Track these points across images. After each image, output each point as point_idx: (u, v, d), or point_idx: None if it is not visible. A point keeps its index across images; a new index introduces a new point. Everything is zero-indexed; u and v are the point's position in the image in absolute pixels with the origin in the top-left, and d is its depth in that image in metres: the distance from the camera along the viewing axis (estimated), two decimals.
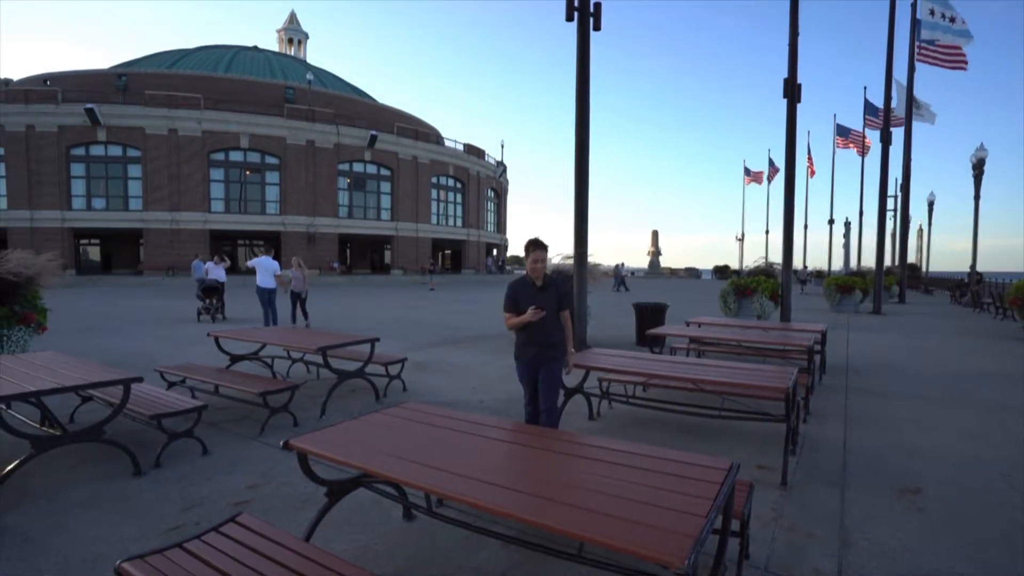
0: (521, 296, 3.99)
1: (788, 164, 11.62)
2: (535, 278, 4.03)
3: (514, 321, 4.01)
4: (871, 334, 12.87)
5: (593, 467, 2.39)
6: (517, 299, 3.99)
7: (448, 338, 11.19)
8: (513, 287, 4.06)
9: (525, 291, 4.02)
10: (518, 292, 4.01)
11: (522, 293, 4.01)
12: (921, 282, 36.44)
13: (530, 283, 4.03)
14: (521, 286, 4.05)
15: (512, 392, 6.67)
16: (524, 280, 4.09)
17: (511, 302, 4.02)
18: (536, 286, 4.02)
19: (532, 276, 4.03)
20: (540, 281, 4.03)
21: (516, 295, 4.01)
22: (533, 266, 4.00)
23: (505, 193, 60.09)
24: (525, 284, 4.06)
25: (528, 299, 3.96)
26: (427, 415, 3.18)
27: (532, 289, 4.02)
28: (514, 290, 4.04)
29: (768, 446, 4.70)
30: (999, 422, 5.66)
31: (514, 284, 4.09)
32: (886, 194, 19.58)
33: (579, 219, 9.51)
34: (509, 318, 4.06)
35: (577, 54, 9.33)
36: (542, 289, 4.03)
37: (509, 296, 4.04)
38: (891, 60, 18.55)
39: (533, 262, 3.99)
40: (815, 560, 2.97)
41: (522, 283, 4.08)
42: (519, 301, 3.98)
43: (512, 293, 4.03)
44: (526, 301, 3.95)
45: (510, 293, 4.04)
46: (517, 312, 3.97)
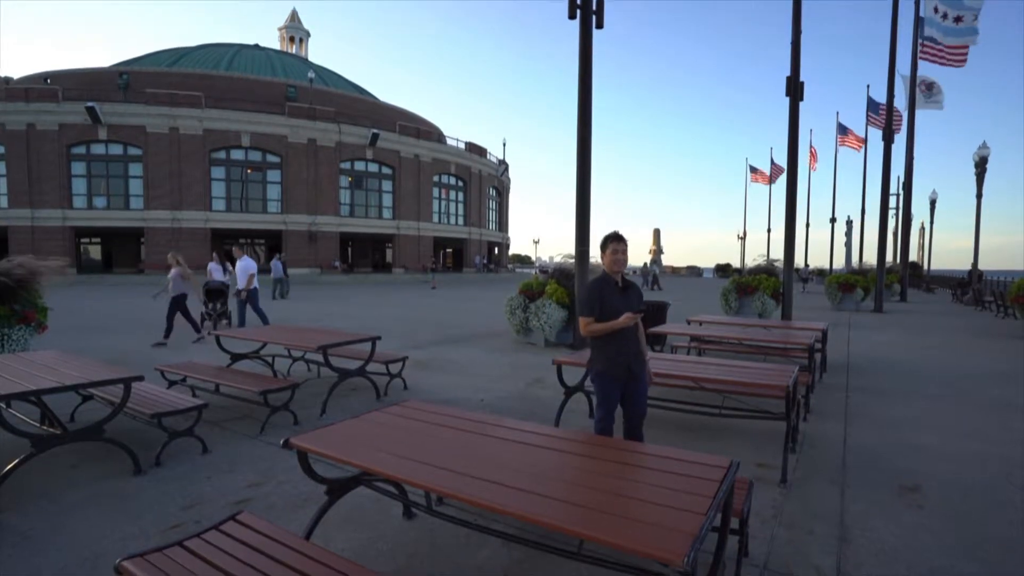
0: (608, 298, 3.51)
1: (790, 162, 11.60)
2: (616, 275, 3.60)
3: (599, 327, 3.49)
4: (872, 332, 12.85)
5: (593, 465, 2.39)
6: (604, 301, 3.50)
7: (449, 337, 11.20)
8: (598, 288, 3.54)
9: (611, 292, 3.53)
10: (604, 293, 3.51)
11: (608, 294, 3.52)
12: (923, 280, 36.37)
13: (613, 283, 3.57)
14: (606, 286, 3.55)
15: (512, 390, 6.67)
16: (606, 279, 3.59)
17: (597, 305, 3.50)
18: (619, 286, 3.58)
19: (613, 273, 3.59)
20: (620, 280, 3.61)
21: (603, 296, 3.50)
22: (614, 258, 3.55)
23: (507, 191, 60.08)
24: (609, 284, 3.56)
25: (615, 301, 3.50)
26: (427, 413, 3.18)
27: (616, 289, 3.56)
28: (600, 291, 3.52)
29: (768, 444, 4.69)
30: (1000, 420, 5.65)
31: (598, 284, 3.57)
32: (888, 192, 19.54)
33: (581, 217, 9.50)
34: (589, 323, 3.52)
35: (579, 52, 9.32)
36: (625, 290, 3.59)
37: (594, 298, 3.51)
38: (893, 57, 18.50)
39: (613, 254, 3.55)
40: (814, 557, 2.96)
41: (605, 283, 3.57)
42: (606, 303, 3.50)
43: (598, 294, 3.51)
44: (613, 304, 3.49)
45: (594, 294, 3.52)
46: (604, 316, 3.49)
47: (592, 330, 3.52)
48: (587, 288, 3.57)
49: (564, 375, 5.22)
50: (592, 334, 3.55)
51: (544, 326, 9.82)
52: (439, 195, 46.79)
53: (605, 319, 3.47)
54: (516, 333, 10.65)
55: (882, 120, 20.59)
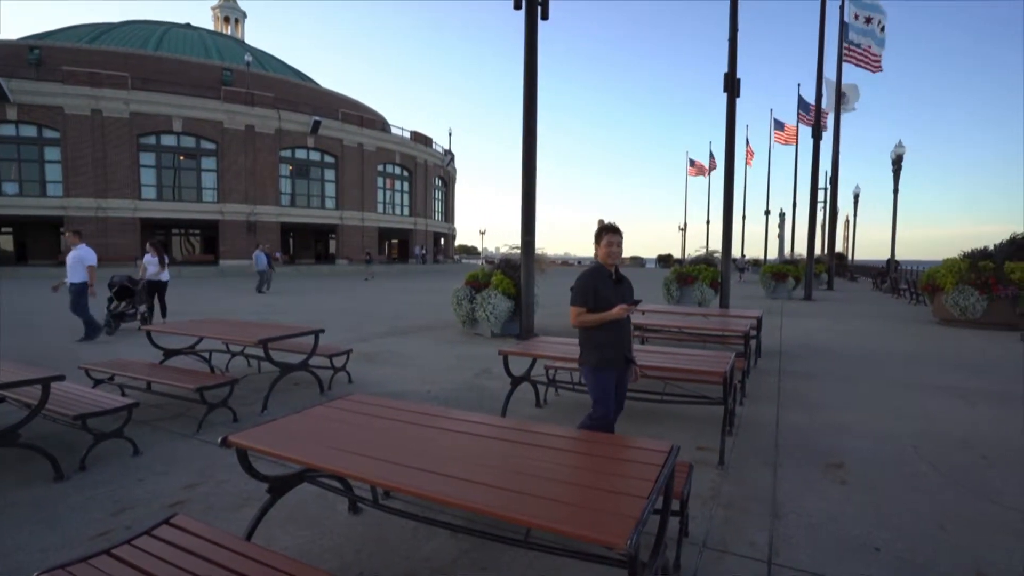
0: (602, 289, 3.45)
1: (727, 157, 12.04)
2: (610, 267, 3.55)
3: (592, 318, 3.43)
4: (802, 319, 13.58)
5: (539, 453, 2.42)
6: (598, 292, 3.44)
7: (395, 328, 11.05)
8: (592, 278, 3.47)
9: (606, 283, 3.48)
10: (599, 284, 3.45)
11: (603, 285, 3.46)
12: (847, 270, 38.71)
13: (607, 274, 3.52)
14: (600, 277, 3.49)
15: (459, 381, 6.67)
16: (600, 270, 3.52)
17: (590, 295, 3.44)
18: (612, 278, 3.53)
19: (607, 264, 3.53)
20: (614, 272, 3.57)
21: (597, 287, 3.45)
22: (609, 250, 3.48)
23: (453, 182, 59.62)
24: (603, 275, 3.50)
25: (608, 293, 3.45)
26: (373, 406, 3.14)
27: (610, 281, 3.50)
28: (594, 282, 3.46)
29: (707, 428, 4.89)
30: (912, 399, 6.10)
31: (591, 275, 3.49)
32: (817, 187, 20.62)
33: (526, 208, 9.55)
34: (581, 314, 3.46)
35: (525, 43, 9.32)
36: (618, 282, 3.55)
37: (588, 288, 3.44)
38: (821, 62, 19.46)
39: (608, 245, 3.48)
40: (749, 534, 3.12)
41: (599, 273, 3.50)
42: (600, 295, 3.44)
43: (592, 285, 3.44)
44: (606, 295, 3.44)
45: (588, 285, 3.45)
46: (597, 307, 3.43)
47: (584, 320, 3.46)
48: (581, 278, 3.48)
49: (511, 365, 5.25)
50: (583, 324, 3.49)
51: (490, 317, 9.84)
52: (384, 185, 45.90)
53: (598, 310, 3.42)
54: (462, 324, 10.63)
55: (811, 119, 21.67)
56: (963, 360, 8.49)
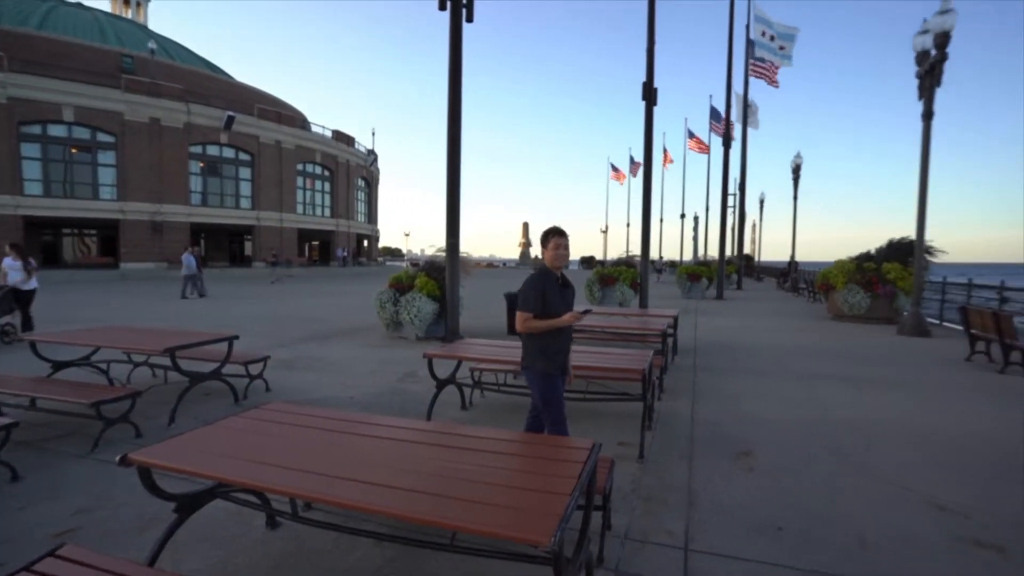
0: (550, 294, 3.38)
1: (646, 162, 12.56)
2: (558, 271, 3.49)
3: (541, 324, 3.35)
4: (715, 317, 14.40)
5: (464, 456, 2.42)
6: (546, 297, 3.37)
7: (316, 333, 10.66)
8: (541, 282, 3.38)
9: (553, 288, 3.40)
10: (547, 289, 3.38)
11: (551, 290, 3.38)
12: (754, 271, 41.45)
13: (555, 278, 3.44)
14: (549, 282, 3.40)
15: (383, 386, 6.53)
16: (548, 275, 3.43)
17: (539, 300, 3.35)
18: (559, 282, 3.47)
19: (555, 268, 3.47)
20: (561, 276, 3.51)
21: (546, 292, 3.37)
22: (556, 253, 3.43)
23: (376, 183, 58.33)
24: (551, 279, 3.42)
25: (557, 298, 3.40)
26: (291, 415, 3.01)
27: (558, 286, 3.44)
28: (543, 286, 3.37)
29: (628, 424, 5.08)
30: (810, 389, 6.63)
31: (541, 279, 3.40)
32: (727, 192, 21.98)
33: (451, 210, 9.52)
34: (529, 319, 3.36)
35: (449, 44, 9.28)
36: (565, 286, 3.51)
37: (537, 293, 3.35)
38: (730, 76, 20.74)
39: (555, 248, 3.42)
40: (667, 523, 3.27)
41: (548, 278, 3.42)
42: (548, 300, 3.37)
43: (540, 290, 3.36)
44: (556, 300, 3.38)
45: (537, 289, 3.36)
46: (545, 313, 3.37)
47: (532, 327, 3.37)
48: (529, 282, 3.41)
49: (436, 368, 5.22)
50: (531, 330, 3.39)
51: (415, 320, 9.73)
52: (303, 185, 44.16)
53: (545, 316, 3.36)
54: (386, 327, 10.43)
55: (722, 129, 23.03)
56: (851, 352, 9.33)
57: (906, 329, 11.43)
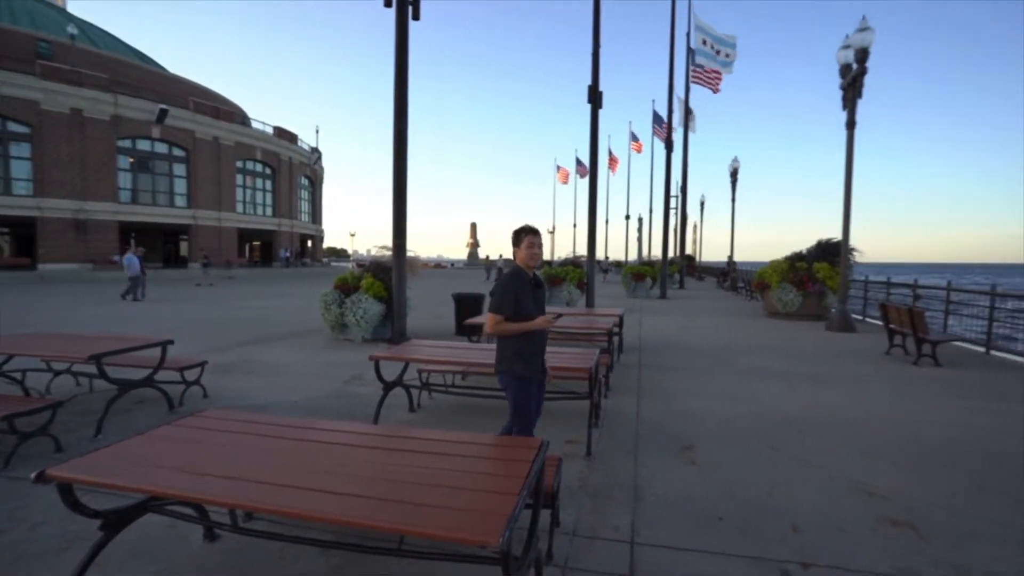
0: (523, 295, 3.28)
1: (591, 164, 12.78)
2: (530, 271, 3.41)
3: (513, 327, 3.26)
4: (659, 316, 14.81)
5: (412, 459, 2.40)
6: (520, 299, 3.27)
7: (258, 336, 10.28)
8: (513, 283, 3.29)
9: (526, 289, 3.31)
10: (520, 290, 3.28)
11: (524, 292, 3.29)
12: (696, 270, 42.93)
13: (528, 279, 3.35)
14: (522, 283, 3.32)
15: (329, 389, 6.38)
16: (521, 275, 3.35)
17: (513, 302, 3.25)
18: (532, 282, 3.38)
19: (528, 268, 3.39)
20: (533, 276, 3.43)
21: (519, 294, 3.27)
22: (530, 252, 3.34)
23: (320, 181, 56.86)
24: (524, 280, 3.34)
25: (530, 299, 3.31)
26: (230, 422, 2.89)
27: (530, 287, 3.36)
28: (516, 288, 3.28)
29: (576, 422, 5.15)
30: (747, 384, 6.93)
31: (513, 280, 3.31)
32: (669, 194, 22.64)
33: (397, 210, 9.40)
34: (501, 321, 3.26)
35: (396, 42, 9.16)
36: (538, 287, 3.42)
37: (509, 294, 3.25)
38: (672, 82, 21.43)
39: (529, 247, 3.34)
40: (614, 519, 3.34)
41: (520, 279, 3.33)
42: (521, 302, 3.27)
43: (514, 291, 3.27)
44: (528, 302, 3.29)
45: (510, 291, 3.26)
46: (518, 316, 3.27)
47: (504, 329, 3.28)
48: (502, 284, 3.31)
49: (383, 370, 5.14)
50: (503, 333, 3.30)
51: (361, 321, 9.54)
52: (244, 183, 42.57)
53: (518, 318, 3.27)
54: (332, 330, 10.18)
55: (664, 133, 23.73)
56: (785, 348, 9.81)
57: (834, 325, 12.11)
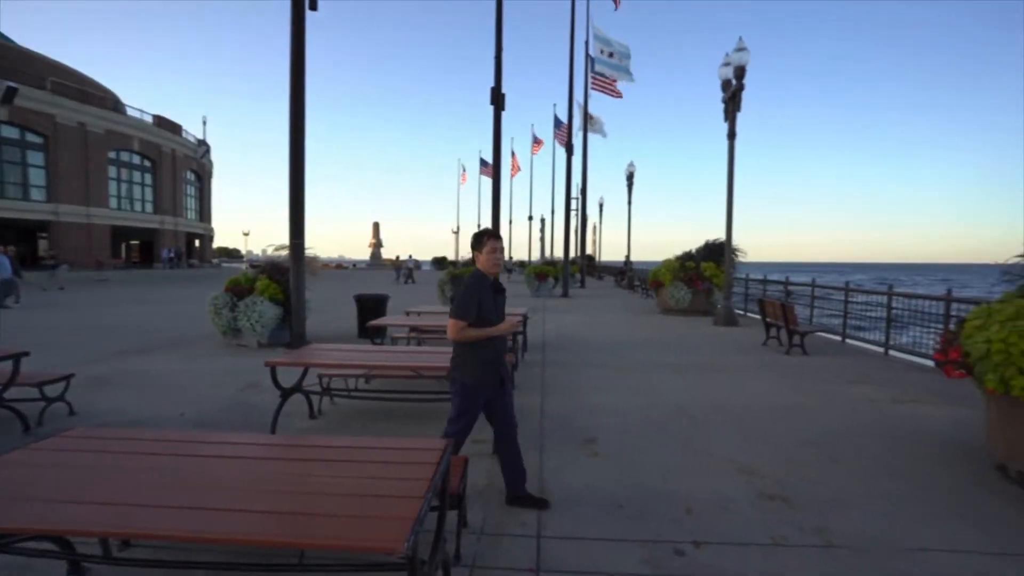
0: (486, 300, 3.21)
1: (495, 166, 12.93)
2: (492, 275, 3.34)
3: (477, 333, 3.20)
4: (561, 314, 15.27)
5: (312, 468, 2.30)
6: (483, 304, 3.20)
7: (138, 345, 9.36)
8: (477, 288, 3.21)
9: (488, 294, 3.24)
10: (483, 295, 3.21)
11: (486, 296, 3.22)
12: (596, 270, 44.75)
13: (490, 284, 3.29)
14: (484, 287, 3.24)
15: (221, 399, 5.95)
16: (483, 280, 3.28)
17: (474, 307, 3.18)
18: (493, 288, 3.31)
19: (490, 273, 3.32)
20: (495, 281, 3.38)
21: (483, 299, 3.20)
22: (492, 257, 3.28)
23: (209, 176, 52.93)
24: (487, 285, 3.27)
25: (492, 304, 3.25)
26: (102, 441, 2.61)
27: (492, 292, 3.29)
28: (479, 292, 3.21)
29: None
30: (645, 377, 7.33)
31: (476, 285, 3.23)
32: (570, 196, 23.42)
33: (295, 208, 8.98)
34: (463, 327, 3.19)
35: (291, 32, 8.73)
36: (498, 291, 3.36)
37: (472, 299, 3.18)
38: (572, 88, 22.18)
39: (491, 252, 3.27)
40: (521, 515, 3.39)
41: (482, 283, 3.26)
42: (484, 307, 3.20)
43: (477, 297, 3.19)
44: (490, 307, 3.23)
45: (473, 296, 3.18)
46: (480, 321, 3.19)
47: (467, 335, 3.21)
48: (465, 288, 3.24)
49: (281, 376, 4.88)
50: (466, 339, 3.23)
51: (256, 325, 9.00)
52: (118, 176, 38.65)
53: (481, 324, 3.21)
54: (223, 335, 9.50)
55: (565, 137, 24.48)
56: (677, 342, 10.49)
57: (720, 320, 13.11)
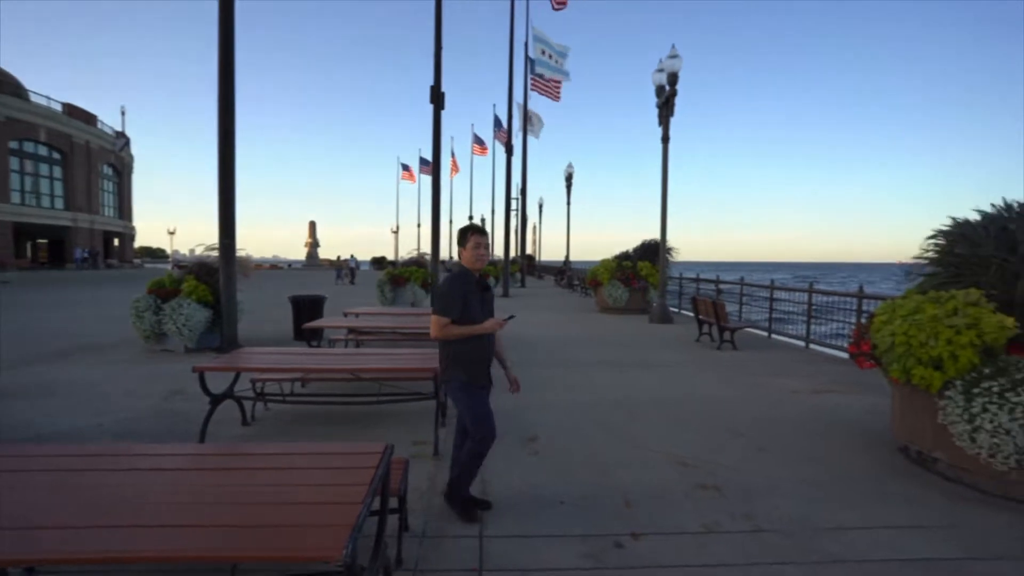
0: (470, 298, 3.15)
1: (434, 164, 12.82)
2: (477, 272, 3.27)
3: (461, 331, 3.14)
4: (502, 314, 15.32)
5: (244, 477, 2.20)
6: (467, 302, 3.13)
7: (48, 352, 8.65)
8: (460, 285, 3.15)
9: (473, 291, 3.18)
10: (467, 292, 3.15)
11: (471, 294, 3.16)
12: (536, 269, 45.21)
13: (474, 280, 3.23)
14: (468, 284, 3.18)
15: (144, 408, 5.61)
16: (467, 276, 3.21)
17: (458, 305, 3.12)
18: (478, 284, 3.25)
19: (474, 269, 3.25)
20: (479, 278, 3.31)
21: (467, 296, 3.14)
22: (476, 253, 3.21)
23: (129, 171, 49.62)
24: (471, 282, 3.20)
25: (477, 302, 3.19)
26: (5, 459, 2.40)
27: (477, 289, 3.23)
28: (464, 289, 3.14)
29: (423, 422, 5.12)
30: (585, 374, 7.49)
31: (459, 281, 3.18)
32: (510, 196, 23.54)
33: (225, 206, 8.57)
34: (446, 325, 3.13)
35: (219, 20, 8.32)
36: (484, 288, 3.30)
37: (455, 297, 3.11)
38: (511, 89, 22.31)
39: (475, 248, 3.21)
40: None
41: (467, 280, 3.20)
42: (468, 304, 3.14)
43: (460, 293, 3.12)
44: (474, 305, 3.17)
45: (456, 293, 3.12)
46: (464, 318, 3.13)
47: (450, 333, 3.14)
48: (447, 285, 3.18)
49: (211, 382, 4.65)
50: (449, 337, 3.16)
51: (183, 329, 8.52)
52: (20, 168, 35.54)
53: (465, 321, 3.15)
54: (147, 340, 8.94)
55: (505, 137, 24.60)
56: (615, 339, 10.78)
57: (655, 318, 13.56)
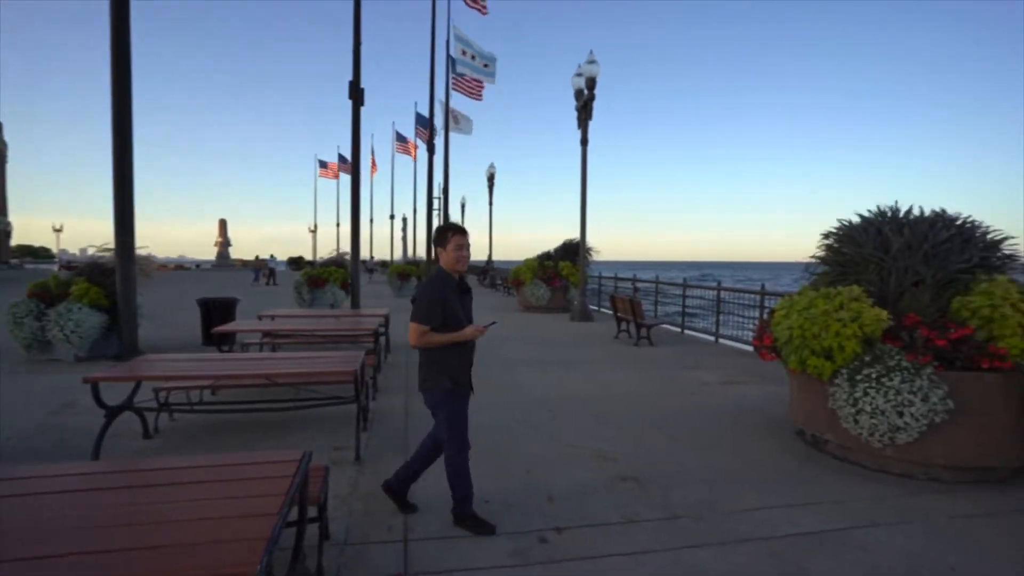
0: (451, 302, 3.02)
1: (354, 161, 12.45)
2: (457, 274, 3.15)
3: (441, 339, 3.00)
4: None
5: (146, 495, 2.05)
6: (447, 307, 3.00)
7: None
8: (440, 290, 3.02)
9: (453, 295, 3.06)
10: (447, 296, 3.02)
11: (451, 298, 3.03)
12: None
13: (454, 284, 3.10)
14: (449, 288, 3.05)
15: (27, 425, 5.07)
16: (447, 279, 3.09)
17: (439, 310, 2.98)
18: (459, 288, 3.13)
19: (454, 272, 3.13)
20: (460, 280, 3.18)
21: (446, 301, 3.00)
22: (458, 255, 3.08)
23: (3, 159, 44.45)
24: (451, 285, 3.08)
25: (458, 306, 3.07)
26: None
27: (458, 292, 3.11)
28: (442, 294, 3.01)
29: (344, 427, 4.98)
30: (509, 372, 7.59)
31: (439, 286, 3.04)
32: (432, 195, 23.30)
33: (121, 202, 7.89)
34: (425, 332, 2.98)
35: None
36: (464, 291, 3.18)
37: (435, 302, 2.98)
38: (433, 87, 22.14)
39: (457, 249, 3.08)
40: (387, 520, 3.33)
41: (447, 284, 3.07)
42: (449, 309, 3.01)
43: (440, 298, 2.99)
44: (455, 309, 3.04)
45: (436, 298, 2.98)
46: (445, 325, 3.00)
47: (430, 341, 3.02)
48: (427, 289, 3.05)
49: (105, 394, 4.27)
50: (429, 345, 3.04)
51: (72, 336, 7.77)
52: None
53: (446, 327, 3.01)
54: (27, 350, 8.07)
55: (426, 134, 24.34)
56: (538, 338, 10.97)
57: (576, 316, 13.92)
